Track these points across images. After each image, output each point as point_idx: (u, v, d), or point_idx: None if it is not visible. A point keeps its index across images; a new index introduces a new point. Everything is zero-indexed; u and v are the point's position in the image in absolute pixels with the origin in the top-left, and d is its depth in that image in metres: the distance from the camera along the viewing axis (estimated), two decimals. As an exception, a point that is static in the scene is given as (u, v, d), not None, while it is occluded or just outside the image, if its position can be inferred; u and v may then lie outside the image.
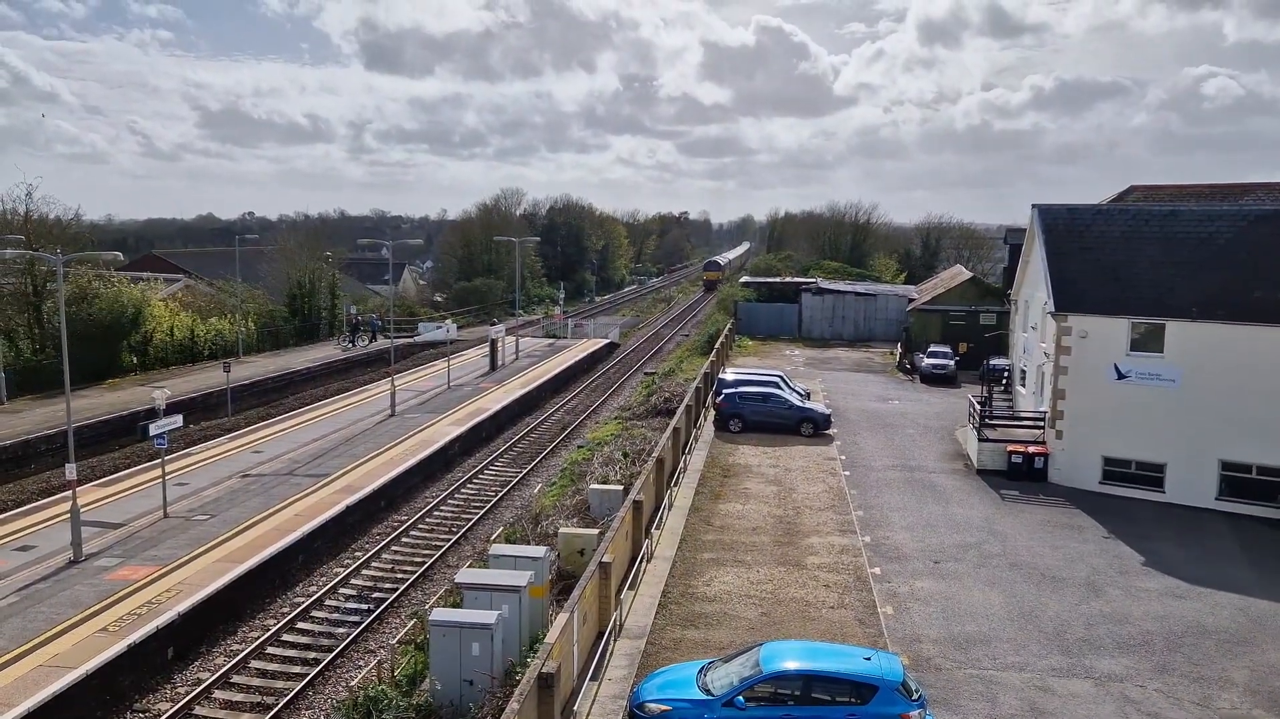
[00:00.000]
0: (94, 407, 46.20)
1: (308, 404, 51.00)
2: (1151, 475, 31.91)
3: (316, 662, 22.93)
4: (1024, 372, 42.08)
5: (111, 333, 54.98)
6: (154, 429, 29.62)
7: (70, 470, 26.96)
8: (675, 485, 31.66)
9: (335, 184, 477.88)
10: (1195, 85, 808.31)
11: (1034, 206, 37.29)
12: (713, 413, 42.25)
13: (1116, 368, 32.19)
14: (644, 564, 24.80)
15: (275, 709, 20.68)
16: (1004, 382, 45.90)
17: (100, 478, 35.53)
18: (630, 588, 23.29)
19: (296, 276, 75.41)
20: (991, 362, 46.14)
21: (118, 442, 43.04)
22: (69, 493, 27.30)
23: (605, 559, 21.16)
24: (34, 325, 53.44)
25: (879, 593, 23.46)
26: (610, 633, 20.59)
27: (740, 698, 16.39)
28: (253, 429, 43.96)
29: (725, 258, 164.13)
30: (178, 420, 30.92)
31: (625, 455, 36.57)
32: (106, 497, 32.46)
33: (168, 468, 31.94)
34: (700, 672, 17.54)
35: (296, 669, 22.65)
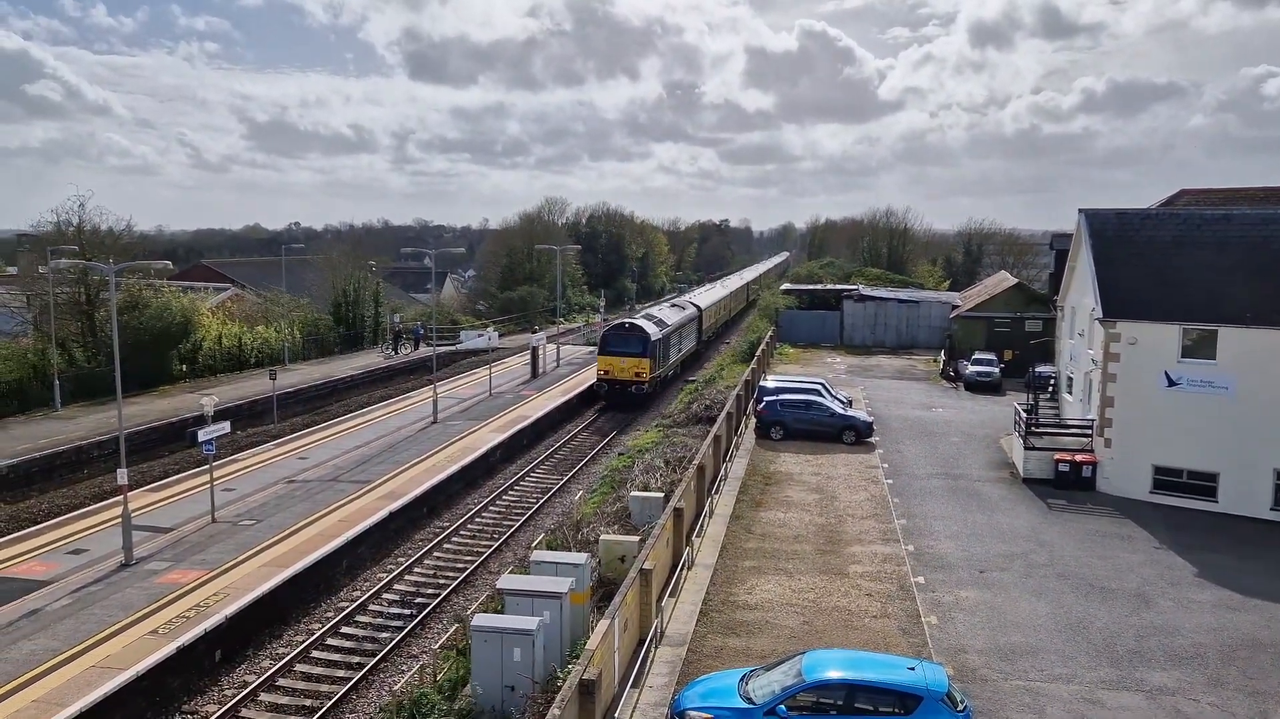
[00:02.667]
0: (145, 413, 47.12)
1: (352, 411, 51.58)
2: (1204, 485, 31.21)
3: (360, 666, 23.17)
4: (1071, 379, 41.42)
5: (162, 341, 56.05)
6: (202, 435, 30.16)
7: (122, 476, 27.53)
8: (716, 493, 31.56)
9: (379, 194, 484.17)
10: (1254, 85, 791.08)
11: (1081, 211, 36.75)
12: (754, 420, 42.07)
13: (1167, 375, 31.54)
14: (685, 571, 24.73)
15: (320, 713, 20.94)
16: (1050, 389, 45.20)
17: (151, 483, 36.19)
18: (671, 595, 23.25)
19: (341, 286, 76.45)
20: (1037, 369, 45.48)
21: (167, 448, 43.83)
22: (120, 498, 27.87)
23: (646, 566, 21.15)
24: (87, 334, 54.62)
25: (923, 602, 23.18)
26: (651, 640, 20.55)
27: (782, 707, 16.28)
28: (298, 436, 44.56)
29: (688, 304, 71.79)
30: (225, 427, 31.40)
31: (666, 463, 36.49)
32: (156, 502, 33.07)
33: (215, 474, 32.52)
34: (742, 680, 17.44)
35: (341, 673, 22.90)
